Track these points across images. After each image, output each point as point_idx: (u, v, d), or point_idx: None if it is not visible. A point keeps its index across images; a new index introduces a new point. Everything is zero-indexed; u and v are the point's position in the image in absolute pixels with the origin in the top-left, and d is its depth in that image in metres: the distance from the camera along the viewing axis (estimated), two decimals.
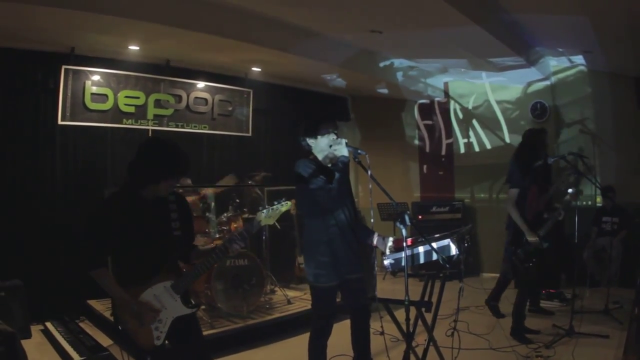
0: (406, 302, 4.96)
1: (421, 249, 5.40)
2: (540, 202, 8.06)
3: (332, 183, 5.37)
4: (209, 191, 10.15)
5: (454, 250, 5.39)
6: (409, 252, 5.30)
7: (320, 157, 5.64)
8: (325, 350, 5.73)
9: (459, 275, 5.58)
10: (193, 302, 4.77)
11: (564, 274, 11.11)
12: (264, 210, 4.83)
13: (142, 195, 4.58)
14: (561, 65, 12.65)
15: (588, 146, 12.12)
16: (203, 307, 8.76)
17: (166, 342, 4.60)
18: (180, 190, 9.59)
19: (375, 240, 5.69)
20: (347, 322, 5.80)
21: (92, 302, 9.41)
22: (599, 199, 12.21)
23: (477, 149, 13.92)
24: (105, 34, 9.13)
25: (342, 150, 5.44)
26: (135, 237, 4.48)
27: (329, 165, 5.60)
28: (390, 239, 5.61)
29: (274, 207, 4.85)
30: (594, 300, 9.76)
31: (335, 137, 5.55)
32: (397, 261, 5.43)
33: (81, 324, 8.92)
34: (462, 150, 14.09)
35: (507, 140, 13.34)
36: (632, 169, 11.91)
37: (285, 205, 4.90)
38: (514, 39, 10.19)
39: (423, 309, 5.81)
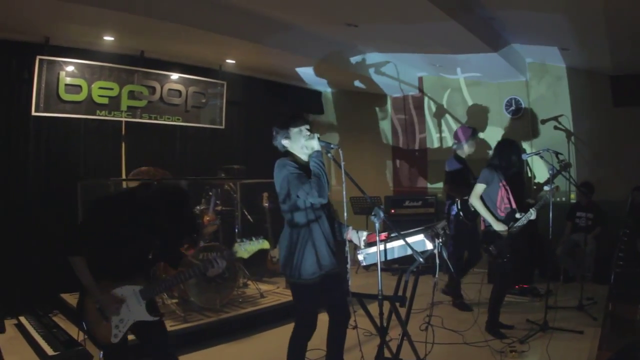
0: (380, 297, 4.96)
1: (395, 243, 5.40)
2: (511, 199, 8.07)
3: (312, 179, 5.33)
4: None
5: (428, 245, 5.38)
6: (382, 246, 5.30)
7: (298, 156, 5.60)
8: (306, 348, 5.69)
9: (433, 270, 5.56)
10: (158, 312, 4.83)
11: (537, 269, 11.16)
12: (242, 244, 4.90)
13: (136, 198, 4.74)
14: (537, 61, 12.67)
15: (563, 143, 12.12)
16: (176, 301, 8.75)
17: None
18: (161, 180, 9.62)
19: (349, 234, 5.67)
20: (321, 316, 5.77)
21: (65, 296, 9.34)
22: (573, 196, 12.28)
23: (450, 143, 13.75)
24: (81, 24, 9.04)
25: (314, 144, 5.41)
26: (118, 238, 4.59)
27: (307, 163, 5.55)
28: (365, 233, 5.60)
29: (252, 242, 4.90)
30: (568, 296, 9.80)
31: (307, 131, 5.51)
32: (371, 255, 5.43)
33: (55, 318, 8.87)
34: (436, 145, 14.12)
35: (481, 135, 13.27)
36: (607, 166, 12.00)
37: (261, 244, 4.94)
38: (491, 35, 10.19)
39: (397, 304, 5.81)
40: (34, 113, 9.57)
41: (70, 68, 9.89)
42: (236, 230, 10.51)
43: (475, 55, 10.96)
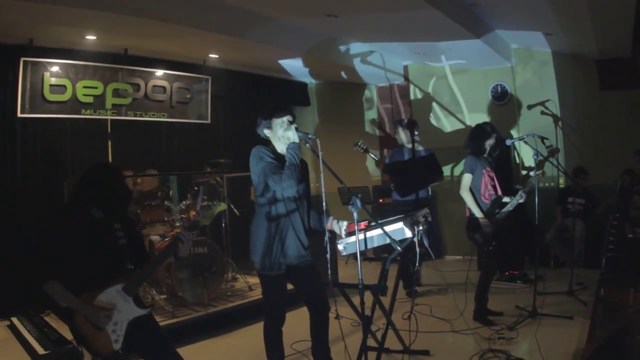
0: (360, 286, 4.96)
1: (375, 232, 5.41)
2: (496, 186, 8.06)
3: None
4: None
5: (407, 233, 5.39)
6: (362, 236, 5.31)
7: (278, 147, 5.66)
8: (281, 338, 5.74)
9: (414, 259, 5.57)
10: (147, 304, 4.88)
11: (528, 256, 11.14)
12: (200, 212, 4.99)
13: (88, 211, 4.74)
14: (522, 47, 12.69)
15: (550, 128, 12.13)
16: (164, 296, 8.76)
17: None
18: (140, 181, 9.65)
19: (330, 224, 5.68)
20: (305, 308, 5.80)
21: (60, 302, 9.33)
22: (561, 181, 12.28)
23: (437, 131, 13.93)
24: (63, 25, 9.02)
25: (291, 135, 5.43)
26: (82, 250, 4.60)
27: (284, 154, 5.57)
28: (345, 222, 5.63)
29: (209, 208, 4.98)
30: (559, 282, 9.77)
31: (289, 122, 5.52)
32: (350, 245, 5.45)
33: (46, 318, 8.87)
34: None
35: (468, 122, 13.41)
36: (595, 150, 12.03)
37: (219, 207, 5.00)
38: (474, 22, 10.19)
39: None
40: (19, 114, 9.60)
41: (54, 68, 9.90)
42: (223, 224, 10.53)
43: (459, 42, 10.95)
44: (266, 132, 5.66)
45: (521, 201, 7.83)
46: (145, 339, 4.82)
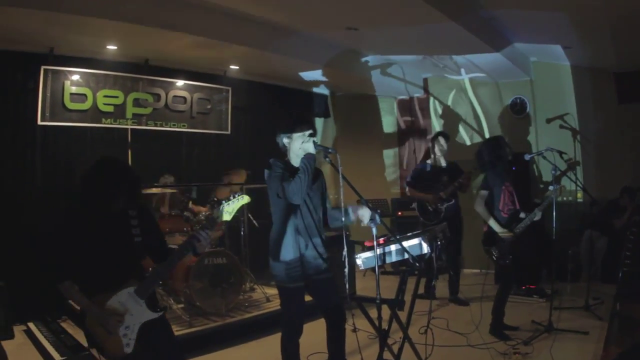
0: (378, 301, 4.98)
1: (393, 247, 5.43)
2: (515, 201, 8.06)
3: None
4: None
5: (425, 248, 5.40)
6: (380, 250, 5.33)
7: (293, 159, 5.67)
8: (298, 349, 5.74)
9: (432, 273, 5.59)
10: (160, 306, 4.81)
11: (545, 270, 11.09)
12: (220, 207, 4.89)
13: (102, 209, 4.68)
14: (541, 60, 12.67)
15: (569, 141, 12.11)
16: (182, 306, 8.81)
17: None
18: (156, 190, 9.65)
19: (352, 214, 5.63)
20: (322, 320, 5.80)
21: (73, 302, 9.37)
22: (579, 195, 12.21)
23: (455, 144, 13.78)
24: (84, 35, 9.08)
25: (309, 148, 5.47)
26: (96, 249, 4.56)
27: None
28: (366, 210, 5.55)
29: (230, 202, 4.90)
30: (575, 296, 9.76)
31: (309, 136, 5.54)
32: (369, 259, 5.46)
33: (63, 324, 8.91)
34: None
35: (487, 135, 13.31)
36: (613, 164, 11.95)
37: (241, 200, 4.93)
38: (492, 35, 10.20)
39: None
40: (39, 122, 9.63)
41: (75, 77, 9.94)
42: (242, 234, 10.54)
43: (478, 56, 10.98)
44: (285, 141, 5.69)
45: (536, 219, 7.83)
46: (156, 341, 4.80)
